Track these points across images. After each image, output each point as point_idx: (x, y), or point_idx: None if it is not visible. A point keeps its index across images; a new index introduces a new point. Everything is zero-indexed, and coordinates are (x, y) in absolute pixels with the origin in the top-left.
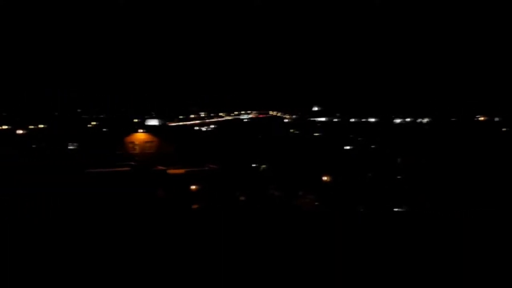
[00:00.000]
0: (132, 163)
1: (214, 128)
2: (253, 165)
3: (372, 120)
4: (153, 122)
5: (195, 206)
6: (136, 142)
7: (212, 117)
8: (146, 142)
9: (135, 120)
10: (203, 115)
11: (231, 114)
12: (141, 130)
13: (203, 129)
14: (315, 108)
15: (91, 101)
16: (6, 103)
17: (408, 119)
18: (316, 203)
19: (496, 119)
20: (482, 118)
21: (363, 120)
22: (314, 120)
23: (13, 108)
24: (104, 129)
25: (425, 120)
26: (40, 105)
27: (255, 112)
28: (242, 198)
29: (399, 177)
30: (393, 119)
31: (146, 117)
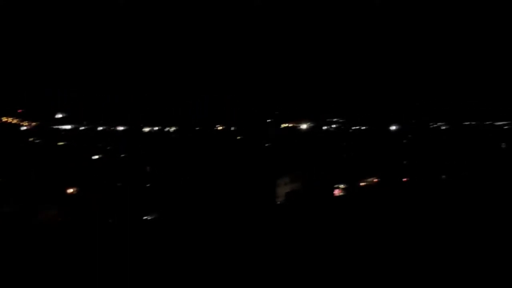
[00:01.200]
0: None
1: None
2: None
3: (121, 128)
4: None
5: None
6: None
7: None
8: None
9: None
10: None
11: None
12: None
13: None
14: (59, 115)
15: None
16: None
17: (156, 128)
18: (59, 218)
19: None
20: (220, 128)
21: (112, 128)
22: (58, 128)
23: None
24: None
25: (173, 128)
26: None
27: None
28: None
29: (148, 185)
30: (142, 128)
31: None
